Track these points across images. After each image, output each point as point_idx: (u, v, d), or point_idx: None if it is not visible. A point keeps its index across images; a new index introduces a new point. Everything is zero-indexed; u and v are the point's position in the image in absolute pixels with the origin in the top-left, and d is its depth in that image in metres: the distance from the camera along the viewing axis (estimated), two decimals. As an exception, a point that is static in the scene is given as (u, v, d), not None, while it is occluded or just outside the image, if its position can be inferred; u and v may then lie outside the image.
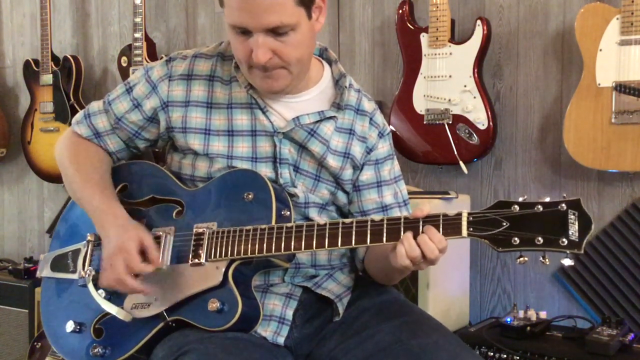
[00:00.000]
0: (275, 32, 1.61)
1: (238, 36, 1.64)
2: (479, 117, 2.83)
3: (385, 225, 1.54)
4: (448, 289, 2.76)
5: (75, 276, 1.83)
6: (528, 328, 2.52)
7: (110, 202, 1.76)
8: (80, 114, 1.91)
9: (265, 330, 1.70)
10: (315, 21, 1.68)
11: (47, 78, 3.80)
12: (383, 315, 1.73)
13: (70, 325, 1.78)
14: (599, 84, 2.60)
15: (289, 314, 1.73)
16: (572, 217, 1.40)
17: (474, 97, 2.84)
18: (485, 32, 2.83)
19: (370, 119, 1.85)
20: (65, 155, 1.87)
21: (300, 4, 1.61)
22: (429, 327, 1.69)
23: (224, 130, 1.77)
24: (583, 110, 2.63)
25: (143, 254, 1.66)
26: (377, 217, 1.57)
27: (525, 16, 2.91)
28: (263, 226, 1.62)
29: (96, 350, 1.72)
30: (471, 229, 1.46)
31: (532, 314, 2.62)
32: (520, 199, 1.45)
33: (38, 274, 1.94)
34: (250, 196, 1.68)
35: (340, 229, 1.57)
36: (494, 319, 2.79)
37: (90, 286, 1.75)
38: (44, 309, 1.90)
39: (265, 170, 1.74)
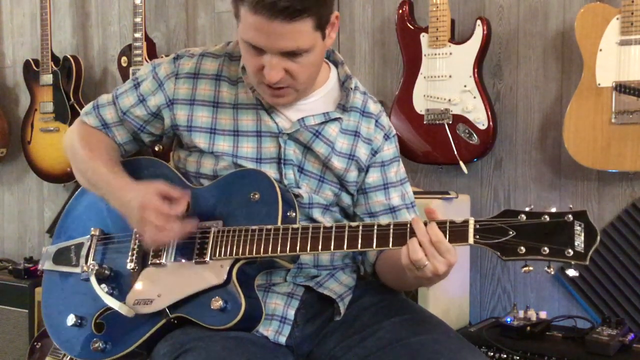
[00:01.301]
0: (290, 54, 1.60)
1: (250, 50, 1.63)
2: (479, 117, 2.83)
3: (391, 230, 1.54)
4: (448, 289, 2.76)
5: (77, 270, 1.83)
6: (528, 328, 2.52)
7: (122, 178, 1.76)
8: (89, 106, 1.92)
9: (267, 330, 1.70)
10: (328, 36, 1.67)
11: (47, 78, 3.80)
12: (384, 314, 1.73)
13: (71, 319, 1.78)
14: (599, 84, 2.60)
15: (291, 313, 1.73)
16: (579, 228, 1.41)
17: (474, 97, 2.84)
18: (485, 32, 2.84)
19: (376, 121, 1.85)
20: (77, 140, 1.87)
21: (318, 28, 1.60)
22: (430, 325, 1.70)
23: (230, 130, 1.77)
24: (583, 110, 2.63)
25: (168, 200, 1.66)
26: (384, 221, 1.57)
27: (525, 16, 2.91)
28: (269, 227, 1.62)
29: (97, 344, 1.72)
30: (477, 237, 1.47)
31: (532, 314, 2.62)
32: (527, 209, 1.45)
33: (40, 267, 1.94)
34: (256, 196, 1.68)
35: (346, 232, 1.57)
36: (494, 319, 2.79)
37: (93, 280, 1.75)
38: (45, 302, 1.90)
39: (269, 171, 1.74)
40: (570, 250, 1.40)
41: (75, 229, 1.91)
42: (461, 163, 2.88)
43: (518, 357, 2.45)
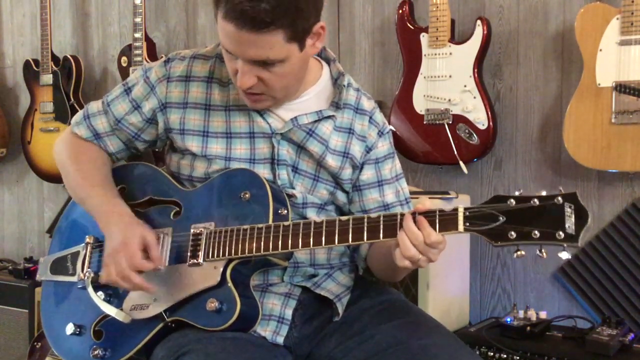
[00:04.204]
0: (261, 63, 1.60)
1: (226, 54, 1.64)
2: (479, 117, 2.83)
3: (382, 222, 1.53)
4: (448, 289, 2.76)
5: (74, 279, 1.83)
6: (528, 328, 2.51)
7: (113, 201, 1.76)
8: (79, 115, 1.91)
9: (265, 330, 1.70)
10: (310, 47, 1.65)
11: (47, 78, 3.80)
12: (383, 316, 1.73)
13: (70, 328, 1.79)
14: (599, 84, 2.60)
15: (288, 313, 1.73)
16: (569, 210, 1.39)
17: (474, 97, 2.83)
18: (485, 32, 2.83)
19: (370, 117, 1.84)
20: (66, 156, 1.88)
21: (292, 39, 1.58)
22: (429, 328, 1.69)
23: (222, 132, 1.77)
24: (583, 110, 2.63)
25: (145, 251, 1.66)
26: (374, 214, 1.57)
27: (525, 16, 2.91)
28: (260, 225, 1.62)
29: (96, 352, 1.73)
30: (467, 224, 1.46)
31: (532, 314, 2.62)
32: (517, 193, 1.44)
33: (38, 277, 1.94)
34: (247, 195, 1.68)
35: (337, 227, 1.57)
36: (494, 319, 2.79)
37: (90, 288, 1.75)
38: (44, 312, 1.90)
39: (262, 172, 1.73)
40: (561, 233, 1.38)
41: (70, 237, 1.91)
42: (461, 163, 2.88)
43: (518, 357, 2.45)
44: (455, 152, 2.87)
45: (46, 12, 3.79)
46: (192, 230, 1.69)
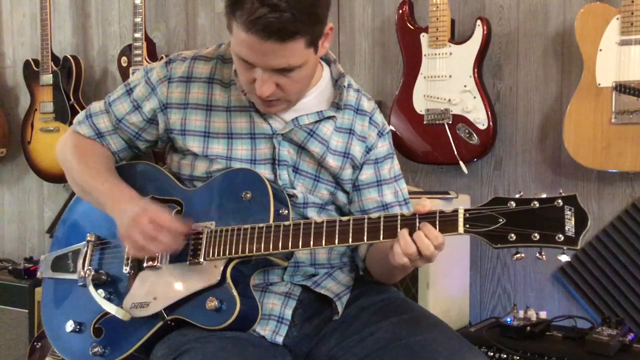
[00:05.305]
0: (282, 70, 1.60)
1: (242, 64, 1.63)
2: (479, 117, 2.83)
3: (382, 223, 1.54)
4: (448, 289, 2.76)
5: (75, 276, 1.84)
6: (528, 328, 2.51)
7: (120, 186, 1.76)
8: (81, 115, 1.92)
9: (264, 330, 1.70)
10: (321, 48, 1.66)
11: (47, 78, 3.80)
12: (382, 314, 1.73)
13: (70, 325, 1.79)
14: (599, 84, 2.60)
15: (288, 313, 1.73)
16: (569, 212, 1.40)
17: (474, 97, 2.83)
18: (485, 32, 2.83)
19: (370, 118, 1.85)
20: (69, 152, 1.87)
21: (310, 45, 1.59)
22: (429, 324, 1.70)
23: (224, 133, 1.77)
24: (583, 110, 2.63)
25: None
26: (374, 214, 1.57)
27: (525, 16, 2.91)
28: (261, 225, 1.63)
29: (96, 349, 1.73)
30: (467, 226, 1.46)
31: (532, 314, 2.61)
32: (517, 195, 1.45)
33: (39, 275, 1.96)
34: (248, 195, 1.68)
35: (337, 227, 1.57)
36: (494, 319, 2.78)
37: (90, 286, 1.76)
38: (45, 309, 1.91)
39: (264, 172, 1.74)
40: (560, 236, 1.39)
41: (72, 235, 1.92)
42: (461, 163, 2.88)
43: (518, 357, 2.45)
44: (455, 152, 2.87)
45: (46, 12, 3.79)
46: (193, 229, 1.69)
